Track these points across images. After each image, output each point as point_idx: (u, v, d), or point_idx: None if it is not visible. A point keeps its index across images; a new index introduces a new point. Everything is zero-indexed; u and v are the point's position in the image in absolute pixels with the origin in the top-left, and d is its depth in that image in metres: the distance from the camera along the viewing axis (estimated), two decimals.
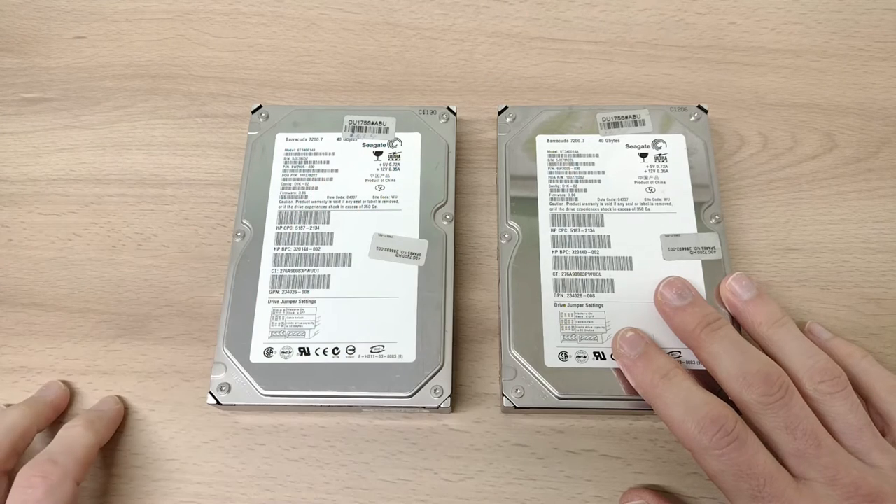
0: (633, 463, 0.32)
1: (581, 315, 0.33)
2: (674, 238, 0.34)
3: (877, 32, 0.42)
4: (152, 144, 0.40)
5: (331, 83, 0.42)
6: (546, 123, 0.37)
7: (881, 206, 0.37)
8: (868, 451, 0.27)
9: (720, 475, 0.26)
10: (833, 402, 0.28)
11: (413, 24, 0.43)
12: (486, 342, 0.35)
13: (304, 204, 0.35)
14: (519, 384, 0.31)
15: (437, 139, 0.37)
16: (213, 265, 0.36)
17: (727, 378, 0.28)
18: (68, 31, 0.44)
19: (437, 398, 0.31)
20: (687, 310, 0.30)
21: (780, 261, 0.36)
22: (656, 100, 0.41)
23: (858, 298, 0.35)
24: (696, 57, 0.42)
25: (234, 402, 0.31)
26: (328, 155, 0.37)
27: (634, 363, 0.30)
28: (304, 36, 0.43)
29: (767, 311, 0.30)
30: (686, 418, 0.27)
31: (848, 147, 0.39)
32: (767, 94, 0.41)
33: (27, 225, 0.38)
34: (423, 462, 0.32)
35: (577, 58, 0.42)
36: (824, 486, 0.26)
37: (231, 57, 0.42)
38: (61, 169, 0.39)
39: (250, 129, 0.38)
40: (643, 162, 0.36)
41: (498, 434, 0.33)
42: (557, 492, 0.32)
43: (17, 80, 0.42)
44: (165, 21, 0.44)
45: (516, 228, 0.35)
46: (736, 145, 0.39)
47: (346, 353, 0.32)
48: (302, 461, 0.32)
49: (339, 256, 0.34)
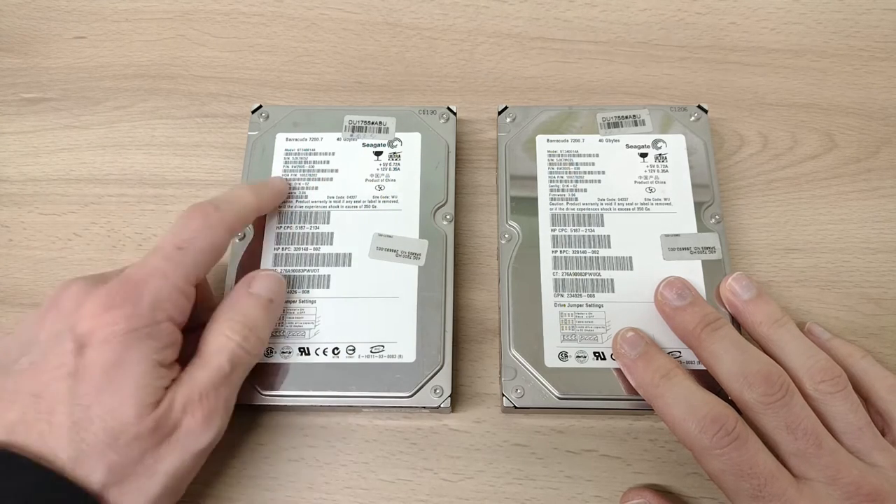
0: (633, 463, 0.32)
1: (581, 315, 0.33)
2: (674, 238, 0.34)
3: (877, 32, 0.42)
4: (152, 144, 0.40)
5: (331, 83, 0.42)
6: (546, 123, 0.37)
7: (881, 206, 0.37)
8: (868, 451, 0.27)
9: (721, 475, 0.26)
10: (833, 401, 0.28)
11: (413, 24, 0.43)
12: (486, 342, 0.35)
13: (304, 204, 0.35)
14: (519, 384, 0.31)
15: (437, 139, 0.37)
16: (214, 265, 0.36)
17: (728, 378, 0.28)
18: (68, 31, 0.44)
19: (437, 398, 0.31)
20: (687, 310, 0.30)
21: (780, 261, 0.36)
22: (656, 100, 0.41)
23: (858, 298, 0.35)
24: (695, 57, 0.42)
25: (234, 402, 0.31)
26: (328, 155, 0.37)
27: (635, 363, 0.30)
28: (304, 36, 0.43)
29: (767, 310, 0.30)
30: (687, 418, 0.27)
31: (848, 147, 0.39)
32: (767, 94, 0.41)
33: (27, 225, 0.38)
34: (423, 462, 0.32)
35: (577, 58, 0.42)
36: (825, 486, 0.26)
37: (231, 57, 0.42)
38: (61, 169, 0.39)
39: (250, 129, 0.38)
40: (643, 162, 0.36)
41: (498, 434, 0.33)
42: (557, 492, 0.32)
43: (17, 80, 0.42)
44: (165, 21, 0.44)
45: (516, 228, 0.35)
46: (736, 145, 0.39)
47: (346, 353, 0.32)
48: (302, 461, 0.32)
49: (339, 256, 0.34)
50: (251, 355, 0.29)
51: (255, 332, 0.29)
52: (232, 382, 0.28)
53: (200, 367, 0.27)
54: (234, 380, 0.28)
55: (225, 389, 0.28)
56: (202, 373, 0.27)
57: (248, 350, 0.29)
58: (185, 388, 0.27)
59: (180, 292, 0.28)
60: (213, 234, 0.29)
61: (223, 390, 0.28)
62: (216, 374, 0.27)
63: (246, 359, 0.29)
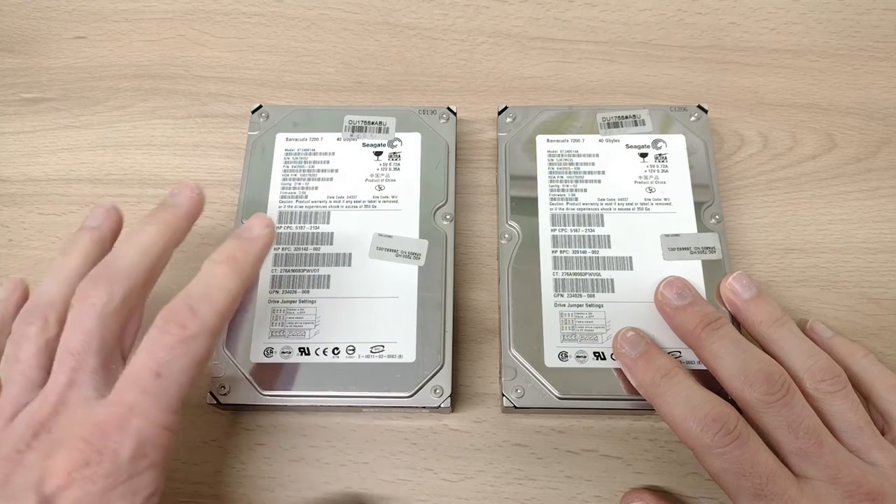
0: (633, 463, 0.32)
1: (581, 315, 0.33)
2: (674, 238, 0.34)
3: (877, 32, 0.42)
4: (152, 144, 0.40)
5: (331, 83, 0.42)
6: (546, 123, 0.37)
7: (881, 206, 0.37)
8: (868, 450, 0.27)
9: (722, 474, 0.26)
10: (833, 400, 0.28)
11: (413, 24, 0.43)
12: (486, 342, 0.35)
13: (304, 204, 0.35)
14: (519, 384, 0.31)
15: (437, 139, 0.37)
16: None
17: (728, 377, 0.28)
18: (68, 31, 0.44)
19: (437, 398, 0.31)
20: (687, 309, 0.30)
21: (780, 261, 0.36)
22: (656, 100, 0.41)
23: (858, 298, 0.35)
24: (696, 57, 0.42)
25: (234, 402, 0.31)
26: (328, 155, 0.37)
27: (635, 362, 0.30)
28: (304, 36, 0.43)
29: (768, 310, 0.30)
30: (688, 417, 0.27)
31: (848, 147, 0.39)
32: (767, 94, 0.41)
33: (27, 225, 0.38)
34: (423, 462, 0.32)
35: (577, 58, 0.42)
36: (826, 485, 0.26)
37: (231, 57, 0.42)
38: (61, 169, 0.39)
39: (250, 129, 0.38)
40: (643, 162, 0.36)
41: (498, 434, 0.33)
42: (557, 492, 0.32)
43: (17, 80, 0.42)
44: (165, 21, 0.44)
45: (516, 228, 0.35)
46: (736, 145, 0.39)
47: (346, 353, 0.32)
48: (302, 461, 0.32)
49: (338, 256, 0.34)
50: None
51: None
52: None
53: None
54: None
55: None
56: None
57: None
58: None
59: (163, 429, 0.24)
60: (194, 347, 0.25)
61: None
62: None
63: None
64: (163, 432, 0.24)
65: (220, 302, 0.26)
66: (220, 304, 0.26)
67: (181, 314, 0.25)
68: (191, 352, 0.25)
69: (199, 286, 0.26)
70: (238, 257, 0.27)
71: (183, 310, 0.25)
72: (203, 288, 0.26)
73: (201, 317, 0.25)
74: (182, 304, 0.25)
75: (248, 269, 0.28)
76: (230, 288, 0.27)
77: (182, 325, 0.25)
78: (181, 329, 0.25)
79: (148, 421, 0.24)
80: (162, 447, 0.24)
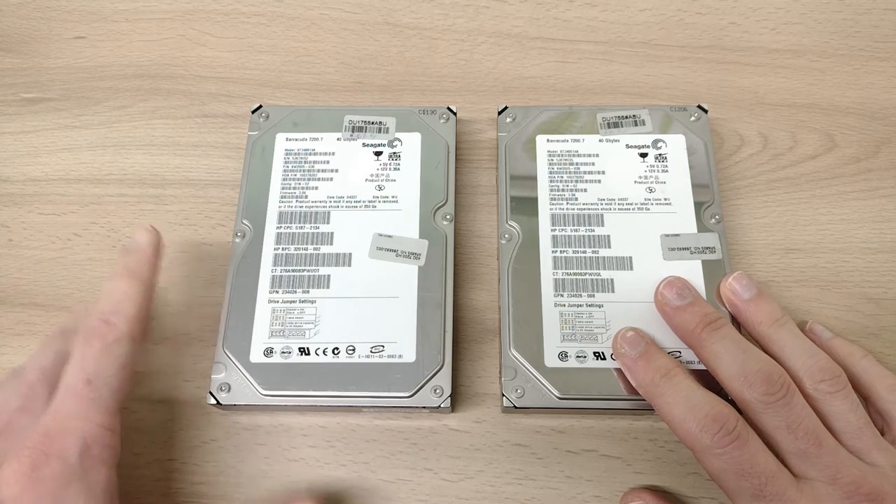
0: (633, 463, 0.32)
1: (581, 315, 0.33)
2: (674, 238, 0.34)
3: (877, 32, 0.42)
4: (152, 144, 0.40)
5: (331, 83, 0.42)
6: (546, 123, 0.37)
7: (881, 206, 0.37)
8: (868, 450, 0.27)
9: (722, 474, 0.26)
10: (833, 401, 0.28)
11: (413, 24, 0.43)
12: (486, 342, 0.35)
13: (304, 204, 0.35)
14: (519, 384, 0.31)
15: (437, 139, 0.37)
16: (213, 265, 0.36)
17: (728, 377, 0.28)
18: (68, 31, 0.44)
19: (437, 398, 0.31)
20: (687, 309, 0.30)
21: (780, 261, 0.36)
22: (656, 100, 0.41)
23: (858, 298, 0.35)
24: (696, 57, 0.42)
25: (234, 402, 0.31)
26: (328, 155, 0.37)
27: (635, 362, 0.30)
28: (304, 36, 0.43)
29: (768, 310, 0.30)
30: (687, 417, 0.27)
31: (848, 147, 0.39)
32: (767, 94, 0.41)
33: (27, 225, 0.38)
34: (423, 462, 0.32)
35: (577, 58, 0.42)
36: (825, 485, 0.26)
37: (231, 57, 0.42)
38: (61, 169, 0.39)
39: (250, 129, 0.38)
40: (643, 162, 0.36)
41: (498, 434, 0.33)
42: (557, 492, 0.32)
43: (17, 80, 0.42)
44: (165, 21, 0.44)
45: (516, 228, 0.35)
46: (736, 145, 0.39)
47: (346, 353, 0.32)
48: (302, 461, 0.32)
49: (339, 256, 0.34)
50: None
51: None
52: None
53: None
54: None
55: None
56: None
57: None
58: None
59: (105, 429, 0.26)
60: (118, 352, 0.28)
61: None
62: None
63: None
64: (105, 432, 0.26)
65: (129, 309, 0.29)
66: (130, 311, 0.29)
67: (99, 328, 0.28)
68: (116, 357, 0.28)
69: (106, 302, 0.29)
70: (132, 267, 0.30)
71: (99, 324, 0.28)
72: (111, 302, 0.29)
73: (117, 325, 0.28)
74: (96, 320, 0.28)
75: (145, 275, 0.30)
76: (133, 295, 0.29)
77: (102, 337, 0.28)
78: (101, 340, 0.28)
79: (90, 423, 0.26)
80: (108, 446, 0.27)
